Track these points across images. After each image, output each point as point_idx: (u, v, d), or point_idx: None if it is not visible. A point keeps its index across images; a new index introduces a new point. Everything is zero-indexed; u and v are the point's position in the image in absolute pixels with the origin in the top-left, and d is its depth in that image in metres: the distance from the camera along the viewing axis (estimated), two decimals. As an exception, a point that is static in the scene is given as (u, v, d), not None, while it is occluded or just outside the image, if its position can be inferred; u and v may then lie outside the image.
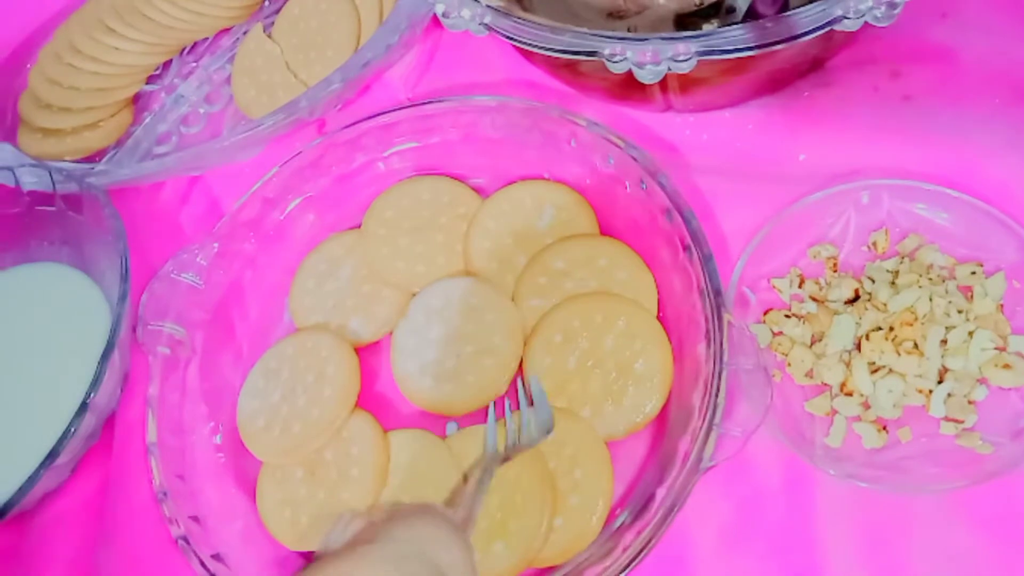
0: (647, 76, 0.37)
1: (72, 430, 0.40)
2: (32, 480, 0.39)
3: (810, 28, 0.36)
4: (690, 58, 0.37)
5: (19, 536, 0.44)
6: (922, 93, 0.46)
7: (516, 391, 0.42)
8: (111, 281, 0.50)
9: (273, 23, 0.58)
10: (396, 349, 0.44)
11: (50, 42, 0.59)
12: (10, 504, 0.39)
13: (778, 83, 0.46)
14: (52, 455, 0.40)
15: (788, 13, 0.36)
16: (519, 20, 0.39)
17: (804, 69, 0.45)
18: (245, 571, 0.40)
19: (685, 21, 0.47)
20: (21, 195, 0.52)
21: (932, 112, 0.45)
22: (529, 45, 0.39)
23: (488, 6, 0.40)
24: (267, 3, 0.61)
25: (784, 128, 0.46)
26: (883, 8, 0.35)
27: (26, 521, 0.44)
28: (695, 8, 0.47)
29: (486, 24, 0.40)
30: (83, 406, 0.41)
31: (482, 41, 0.41)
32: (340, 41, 0.54)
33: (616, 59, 0.37)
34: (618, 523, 0.36)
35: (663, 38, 0.37)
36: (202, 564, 0.38)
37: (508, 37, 0.40)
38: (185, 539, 0.39)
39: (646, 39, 0.37)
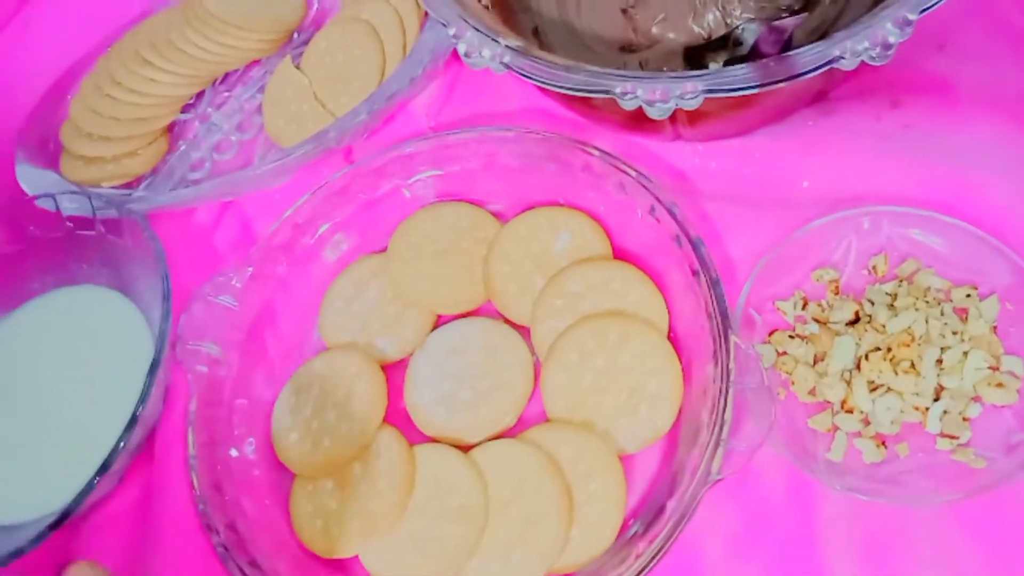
0: (656, 112, 0.39)
1: (123, 443, 0.42)
2: (87, 489, 0.42)
3: (809, 68, 0.37)
4: (697, 96, 0.38)
5: (70, 539, 0.47)
6: (921, 122, 0.48)
7: None
8: (148, 301, 0.52)
9: (302, 55, 0.61)
10: (411, 379, 0.46)
11: (91, 73, 0.62)
12: (68, 511, 0.41)
13: (783, 114, 0.47)
14: (105, 466, 0.42)
15: (789, 53, 0.38)
16: (536, 60, 0.41)
17: (808, 101, 0.47)
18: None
19: (694, 54, 0.49)
20: (62, 220, 0.54)
21: (931, 140, 0.47)
22: (545, 83, 0.41)
23: (507, 46, 0.42)
24: (296, 36, 0.64)
25: (789, 156, 0.48)
26: (878, 49, 0.37)
27: (76, 526, 0.47)
28: (703, 41, 0.49)
29: (505, 63, 0.42)
30: (133, 419, 0.43)
31: (501, 75, 0.43)
32: (366, 73, 0.57)
33: (627, 97, 0.39)
34: (631, 533, 0.38)
35: (672, 77, 0.39)
36: (241, 571, 0.40)
37: (526, 75, 0.42)
38: (224, 547, 0.41)
39: (656, 78, 0.39)
